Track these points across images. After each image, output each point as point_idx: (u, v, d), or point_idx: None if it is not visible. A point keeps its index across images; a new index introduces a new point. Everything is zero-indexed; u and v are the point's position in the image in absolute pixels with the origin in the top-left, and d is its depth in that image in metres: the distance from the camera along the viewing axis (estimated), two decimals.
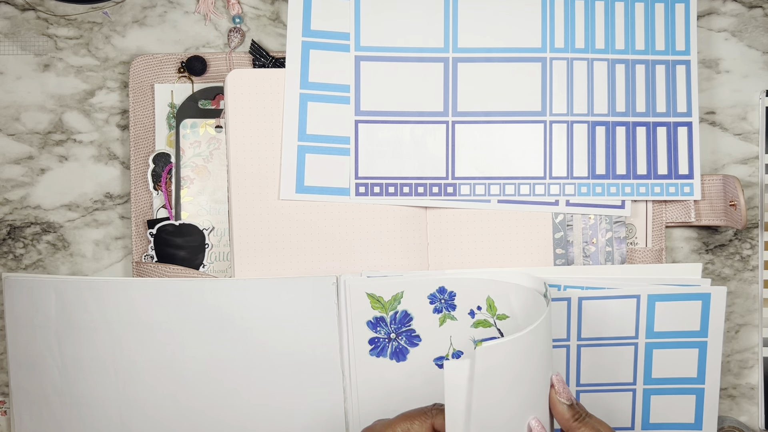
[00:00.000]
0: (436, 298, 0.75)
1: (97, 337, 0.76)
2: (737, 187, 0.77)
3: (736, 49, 0.83)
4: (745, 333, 0.83)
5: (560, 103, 0.79)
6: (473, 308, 0.75)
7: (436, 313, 0.75)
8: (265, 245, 0.77)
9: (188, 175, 0.81)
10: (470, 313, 0.75)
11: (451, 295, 0.75)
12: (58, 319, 0.77)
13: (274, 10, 0.83)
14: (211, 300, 0.76)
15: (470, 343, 0.76)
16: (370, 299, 0.75)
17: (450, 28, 0.79)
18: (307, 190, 0.78)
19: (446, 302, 0.75)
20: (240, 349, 0.76)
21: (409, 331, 0.76)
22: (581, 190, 0.78)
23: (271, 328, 0.76)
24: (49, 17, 0.83)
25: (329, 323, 0.76)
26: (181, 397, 0.76)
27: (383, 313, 0.75)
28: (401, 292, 0.75)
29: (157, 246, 0.80)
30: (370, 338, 0.76)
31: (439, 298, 0.75)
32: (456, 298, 0.75)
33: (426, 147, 0.79)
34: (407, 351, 0.76)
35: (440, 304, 0.75)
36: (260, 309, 0.76)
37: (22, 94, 0.83)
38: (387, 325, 0.76)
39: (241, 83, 0.78)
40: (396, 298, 0.75)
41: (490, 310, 0.75)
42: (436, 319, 0.75)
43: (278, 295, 0.75)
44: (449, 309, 0.75)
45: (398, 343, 0.76)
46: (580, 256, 0.79)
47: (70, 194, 0.83)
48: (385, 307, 0.75)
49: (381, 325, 0.76)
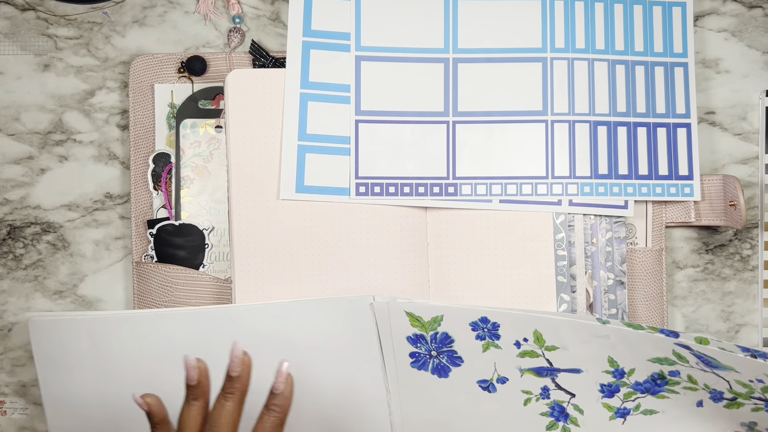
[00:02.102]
0: (479, 326, 0.71)
1: (135, 370, 0.74)
2: (737, 187, 0.77)
3: (736, 49, 0.83)
4: (745, 333, 0.83)
5: (561, 103, 0.79)
6: (519, 339, 0.71)
7: (479, 340, 0.72)
8: (265, 245, 0.77)
9: (188, 175, 0.81)
10: (516, 344, 0.71)
11: (495, 326, 0.71)
12: (93, 356, 0.74)
13: (274, 10, 0.83)
14: (249, 324, 0.73)
15: (516, 371, 0.72)
16: (409, 317, 0.72)
17: (450, 28, 0.80)
18: (307, 190, 0.78)
19: (489, 331, 0.71)
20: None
21: (450, 351, 0.73)
22: (584, 190, 0.78)
23: (309, 348, 0.74)
24: (49, 17, 0.83)
25: (368, 340, 0.73)
26: None
27: (423, 331, 0.72)
28: (441, 316, 0.71)
29: (157, 246, 0.80)
30: (410, 352, 0.73)
31: (482, 327, 0.71)
32: (500, 328, 0.71)
33: (426, 147, 0.79)
34: (449, 369, 0.74)
35: (483, 332, 0.72)
36: (298, 330, 0.73)
37: (22, 94, 0.83)
38: (427, 343, 0.73)
39: (241, 83, 0.78)
40: (436, 320, 0.71)
41: (538, 342, 0.71)
42: (479, 345, 0.72)
43: (315, 316, 0.73)
44: (493, 338, 0.71)
45: (439, 361, 0.73)
46: (582, 256, 0.79)
47: (70, 194, 0.83)
48: (424, 327, 0.72)
49: (421, 342, 0.73)
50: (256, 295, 0.77)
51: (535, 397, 0.74)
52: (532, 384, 0.73)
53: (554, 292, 0.78)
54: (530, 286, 0.78)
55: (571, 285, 0.79)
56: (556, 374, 0.72)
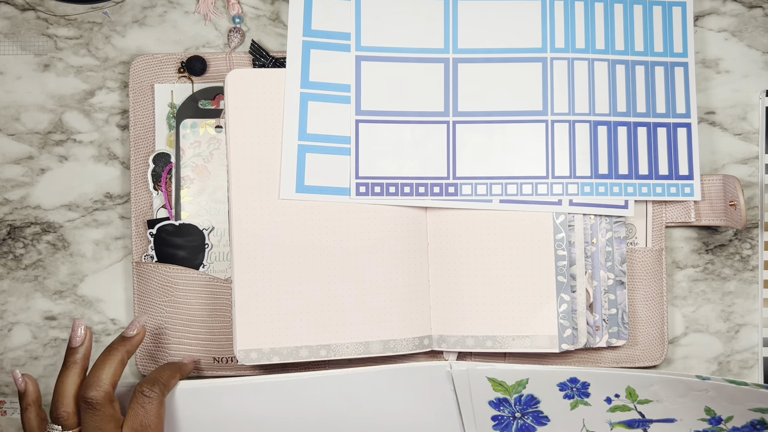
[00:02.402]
0: (567, 386, 0.70)
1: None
2: (737, 187, 0.77)
3: (736, 49, 0.83)
4: (745, 333, 0.83)
5: (561, 103, 0.79)
6: (610, 396, 0.70)
7: (567, 399, 0.70)
8: (265, 245, 0.77)
9: (188, 175, 0.81)
10: (607, 400, 0.70)
11: (585, 385, 0.69)
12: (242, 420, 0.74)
13: (274, 10, 0.83)
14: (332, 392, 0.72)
15: (606, 426, 0.71)
16: (491, 383, 0.70)
17: (450, 28, 0.80)
18: (308, 190, 0.78)
19: (579, 390, 0.70)
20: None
21: (536, 412, 0.71)
22: (584, 190, 0.78)
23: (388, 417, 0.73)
24: (49, 17, 0.83)
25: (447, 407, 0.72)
26: None
27: (506, 395, 0.70)
28: (526, 379, 0.69)
29: (157, 246, 0.80)
30: (493, 415, 0.72)
31: (570, 387, 0.70)
32: (590, 387, 0.69)
33: (427, 147, 0.79)
34: (534, 429, 0.72)
35: (572, 391, 0.70)
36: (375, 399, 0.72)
37: (22, 94, 0.83)
38: (511, 406, 0.71)
39: (241, 83, 0.78)
40: (521, 383, 0.69)
41: (630, 397, 0.69)
42: (567, 404, 0.70)
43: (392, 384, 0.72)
44: (582, 396, 0.70)
45: (524, 422, 0.72)
46: (582, 256, 0.79)
47: (70, 194, 0.83)
48: (508, 391, 0.70)
49: (504, 405, 0.71)
50: (257, 295, 0.77)
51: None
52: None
53: (554, 292, 0.78)
54: (530, 285, 0.78)
55: (571, 285, 0.79)
56: (648, 425, 0.71)
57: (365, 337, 0.78)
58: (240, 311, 0.77)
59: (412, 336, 0.79)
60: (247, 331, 0.77)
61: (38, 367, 0.83)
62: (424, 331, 0.79)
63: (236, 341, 0.77)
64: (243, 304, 0.77)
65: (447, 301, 0.79)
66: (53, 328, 0.83)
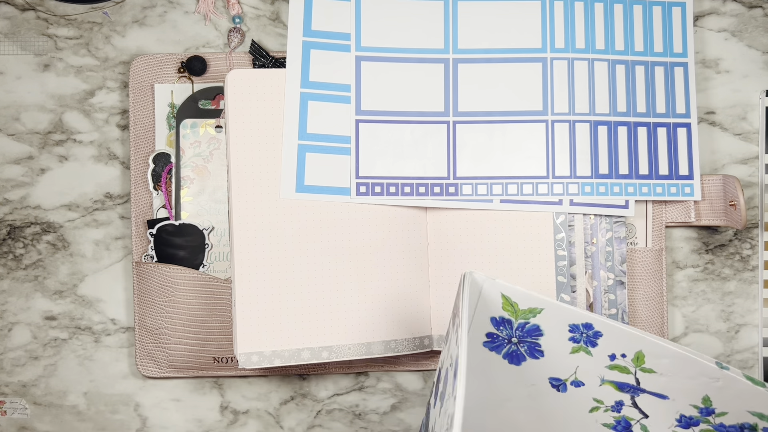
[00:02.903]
0: (578, 329, 0.67)
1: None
2: (737, 187, 0.77)
3: (736, 49, 0.84)
4: (745, 333, 0.84)
5: (562, 103, 0.79)
6: (616, 353, 0.67)
7: (572, 342, 0.68)
8: (265, 245, 0.77)
9: (188, 175, 0.81)
10: (611, 356, 0.68)
11: (597, 334, 0.67)
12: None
13: (274, 10, 0.83)
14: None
15: (596, 380, 0.69)
16: (503, 300, 0.67)
17: (450, 29, 0.80)
18: (308, 190, 0.78)
19: (588, 338, 0.68)
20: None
21: (534, 344, 0.69)
22: (585, 190, 0.78)
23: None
24: (49, 17, 0.83)
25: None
26: None
27: (512, 317, 0.67)
28: (540, 309, 0.67)
29: (157, 246, 0.80)
30: (488, 332, 0.69)
31: (582, 331, 0.67)
32: (601, 338, 0.67)
33: (427, 147, 0.79)
34: (523, 359, 0.70)
35: (580, 336, 0.68)
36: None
37: (22, 94, 0.83)
38: (511, 330, 0.69)
39: (241, 83, 0.78)
40: (532, 311, 0.67)
41: (636, 361, 0.67)
42: (569, 347, 0.68)
43: None
44: (588, 344, 0.68)
45: (517, 348, 0.70)
46: (582, 256, 0.79)
47: (70, 194, 0.83)
48: (516, 313, 0.67)
49: (505, 327, 0.68)
50: (257, 295, 0.77)
51: (605, 408, 0.72)
52: (608, 395, 0.71)
53: (554, 291, 0.78)
54: (530, 285, 0.78)
55: (571, 285, 0.79)
56: (638, 393, 0.70)
57: (367, 338, 0.78)
58: (240, 312, 0.77)
59: (412, 336, 0.79)
60: (248, 332, 0.76)
61: (38, 367, 0.83)
62: (424, 331, 0.79)
63: (237, 343, 0.76)
64: (243, 305, 0.77)
65: (447, 301, 0.79)
66: (53, 328, 0.83)
